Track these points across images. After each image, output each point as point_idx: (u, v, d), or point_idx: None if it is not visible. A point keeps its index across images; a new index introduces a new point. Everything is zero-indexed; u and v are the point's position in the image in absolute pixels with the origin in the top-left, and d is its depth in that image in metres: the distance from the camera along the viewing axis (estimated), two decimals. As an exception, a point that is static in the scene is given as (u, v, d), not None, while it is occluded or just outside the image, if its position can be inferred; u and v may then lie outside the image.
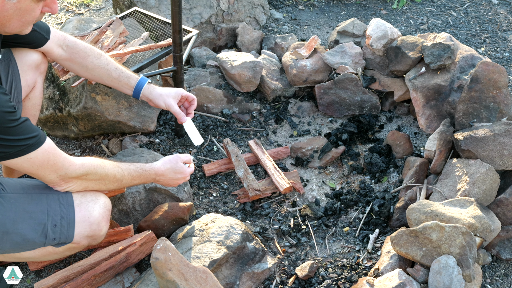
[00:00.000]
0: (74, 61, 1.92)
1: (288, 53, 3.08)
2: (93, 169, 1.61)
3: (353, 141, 2.84)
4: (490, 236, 1.87)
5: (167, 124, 2.71)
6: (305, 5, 4.17)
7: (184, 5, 3.35)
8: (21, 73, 1.86)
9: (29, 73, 1.89)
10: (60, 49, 1.89)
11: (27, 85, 1.90)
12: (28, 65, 1.88)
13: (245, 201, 2.39)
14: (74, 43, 1.90)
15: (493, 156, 2.07)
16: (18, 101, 1.86)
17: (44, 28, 1.82)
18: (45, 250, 1.66)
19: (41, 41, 1.82)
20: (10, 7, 1.37)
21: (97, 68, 1.93)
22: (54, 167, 1.49)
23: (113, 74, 1.95)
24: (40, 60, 1.91)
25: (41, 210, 1.60)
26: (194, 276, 1.55)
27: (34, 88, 1.97)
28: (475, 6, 4.19)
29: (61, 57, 1.91)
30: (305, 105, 3.04)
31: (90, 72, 1.95)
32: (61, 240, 1.63)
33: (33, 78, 1.92)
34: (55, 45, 1.87)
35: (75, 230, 1.63)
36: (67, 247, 1.68)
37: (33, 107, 2.02)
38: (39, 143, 1.43)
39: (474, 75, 2.33)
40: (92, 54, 1.92)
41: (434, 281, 1.64)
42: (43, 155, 1.45)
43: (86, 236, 1.66)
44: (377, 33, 2.88)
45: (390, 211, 2.27)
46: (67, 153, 1.60)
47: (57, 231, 1.61)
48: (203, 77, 3.01)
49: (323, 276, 1.96)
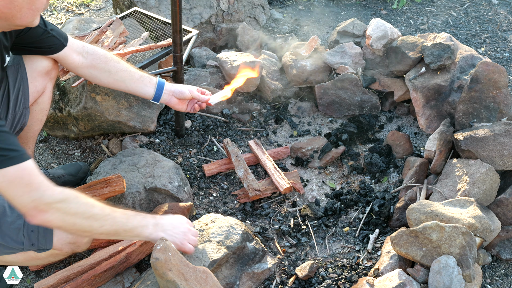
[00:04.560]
0: (97, 67, 1.88)
1: (288, 53, 3.08)
2: (75, 197, 1.41)
3: (353, 141, 2.84)
4: (490, 236, 1.87)
5: (167, 124, 2.71)
6: (305, 5, 4.17)
7: (184, 5, 3.35)
8: (31, 79, 1.86)
9: (39, 79, 1.89)
10: (80, 57, 1.87)
11: (36, 90, 1.90)
12: (38, 71, 1.87)
13: (245, 201, 2.39)
14: (93, 49, 1.89)
15: (493, 156, 2.07)
16: (25, 107, 1.85)
17: (62, 35, 1.81)
18: (27, 255, 1.64)
19: (58, 46, 1.80)
20: None
21: (120, 71, 1.90)
22: (27, 187, 1.30)
23: (135, 75, 1.93)
24: (51, 66, 1.91)
25: (18, 214, 1.57)
26: (194, 276, 1.55)
27: (43, 94, 1.96)
28: (475, 6, 4.19)
29: (82, 64, 1.87)
30: (305, 105, 3.04)
31: (112, 76, 1.91)
32: (41, 246, 1.59)
33: (43, 84, 1.92)
34: (74, 52, 1.85)
35: (54, 236, 1.58)
36: (50, 253, 1.64)
37: (40, 112, 2.02)
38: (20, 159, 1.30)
39: (474, 75, 2.33)
40: (112, 59, 1.91)
41: (434, 281, 1.64)
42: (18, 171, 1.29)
43: (68, 243, 1.61)
44: (377, 33, 2.88)
45: (390, 211, 2.27)
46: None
47: (34, 237, 1.57)
48: (203, 77, 3.01)
49: (323, 276, 1.96)
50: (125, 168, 2.22)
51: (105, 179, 2.04)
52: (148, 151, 2.37)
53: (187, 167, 2.52)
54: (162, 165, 2.26)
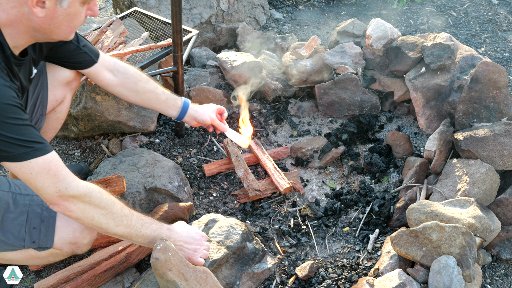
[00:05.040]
0: (126, 86, 1.92)
1: (288, 53, 3.08)
2: (98, 192, 1.47)
3: (353, 141, 2.84)
4: (490, 236, 1.87)
5: (167, 124, 2.71)
6: (305, 5, 4.17)
7: (184, 5, 3.35)
8: (51, 88, 1.87)
9: (59, 89, 1.90)
10: (110, 74, 1.89)
11: (55, 99, 1.91)
12: (59, 81, 1.89)
13: (245, 201, 2.39)
14: (124, 68, 1.91)
15: (493, 156, 2.07)
16: (42, 114, 1.87)
17: (93, 51, 1.82)
18: (27, 253, 1.64)
19: (88, 62, 1.82)
20: (60, 13, 1.37)
21: (147, 92, 1.95)
22: (54, 178, 1.37)
23: (161, 97, 1.98)
24: (73, 77, 1.92)
25: (21, 211, 1.58)
26: (194, 276, 1.55)
27: (62, 103, 1.98)
28: (475, 6, 4.19)
29: (112, 82, 1.90)
30: (305, 105, 3.04)
31: (140, 96, 1.96)
32: (41, 244, 1.59)
33: (63, 93, 1.93)
34: (105, 69, 1.88)
35: (55, 235, 1.59)
36: (50, 253, 1.64)
37: (56, 121, 2.03)
38: (45, 151, 1.35)
39: (474, 75, 2.33)
40: (141, 79, 1.94)
41: (434, 281, 1.64)
42: (44, 162, 1.35)
43: (69, 243, 1.61)
44: (377, 33, 2.88)
45: (390, 211, 2.27)
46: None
47: (36, 234, 1.57)
48: (203, 77, 3.01)
49: (323, 276, 1.96)
50: (125, 168, 2.22)
51: (105, 179, 2.04)
52: (148, 151, 2.37)
53: (187, 167, 2.52)
54: (162, 165, 2.26)
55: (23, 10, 1.33)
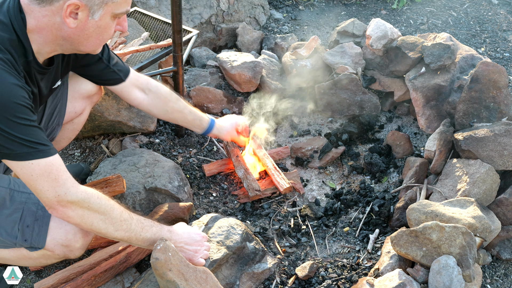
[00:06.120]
0: (156, 106, 1.98)
1: (288, 53, 3.08)
2: (97, 198, 1.46)
3: (353, 141, 2.84)
4: (490, 236, 1.87)
5: (167, 124, 2.71)
6: (305, 5, 4.17)
7: (184, 5, 3.35)
8: (71, 99, 1.88)
9: (79, 101, 1.92)
10: (141, 93, 1.93)
11: (74, 111, 1.92)
12: (80, 93, 1.90)
13: (245, 201, 2.39)
14: (156, 88, 1.96)
15: (493, 156, 2.07)
16: (58, 124, 1.87)
17: (123, 70, 1.83)
18: (19, 253, 1.63)
19: (116, 81, 1.84)
20: (91, 25, 1.39)
21: (175, 112, 2.04)
22: (54, 182, 1.36)
23: (188, 118, 2.09)
24: (94, 91, 1.94)
25: (16, 208, 1.57)
26: (194, 276, 1.55)
27: (81, 115, 2.00)
28: (475, 6, 4.19)
29: (143, 102, 1.95)
30: (305, 105, 3.04)
31: (168, 115, 2.05)
32: (33, 244, 1.58)
33: (82, 106, 1.95)
34: (137, 88, 1.91)
35: (48, 236, 1.57)
36: (41, 254, 1.63)
37: (72, 131, 2.05)
38: (48, 154, 1.35)
39: (474, 75, 2.33)
40: (171, 99, 2.01)
41: (434, 281, 1.64)
42: (46, 165, 1.34)
43: (61, 245, 1.59)
44: (377, 33, 2.88)
45: (390, 211, 2.27)
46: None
47: (28, 233, 1.56)
48: (203, 77, 3.01)
49: (323, 276, 1.96)
50: (125, 168, 2.22)
51: (105, 179, 2.04)
52: (148, 151, 2.37)
53: (187, 167, 2.52)
54: (162, 165, 2.26)
55: (54, 19, 1.34)
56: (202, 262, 1.72)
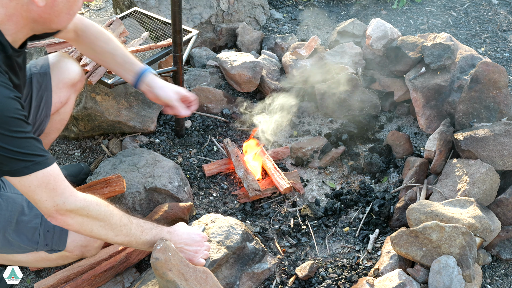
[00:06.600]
0: (83, 43, 1.87)
1: (288, 53, 3.08)
2: (96, 205, 1.46)
3: (353, 141, 2.84)
4: (490, 236, 1.87)
5: (167, 124, 2.71)
6: (305, 5, 4.17)
7: (184, 5, 3.35)
8: (56, 89, 1.87)
9: (64, 90, 1.91)
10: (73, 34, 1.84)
11: (59, 101, 1.92)
12: (64, 83, 1.89)
13: (245, 201, 2.39)
14: (86, 26, 1.85)
15: (493, 156, 2.07)
16: (46, 115, 1.87)
17: None
18: (38, 255, 1.65)
19: None
20: (60, 1, 1.35)
21: (105, 53, 1.90)
22: (52, 192, 1.35)
23: (118, 60, 1.91)
24: (78, 78, 1.93)
25: (36, 214, 1.59)
26: (194, 276, 1.55)
27: (66, 104, 1.99)
28: (475, 6, 4.19)
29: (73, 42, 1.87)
30: (305, 105, 3.04)
31: (98, 56, 1.91)
32: (54, 247, 1.61)
33: (67, 95, 1.94)
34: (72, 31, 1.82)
35: (68, 238, 1.60)
36: (60, 255, 1.66)
37: (60, 122, 2.04)
38: (45, 164, 1.33)
39: (474, 75, 2.33)
40: (101, 39, 1.88)
41: (434, 281, 1.64)
42: (44, 176, 1.33)
43: (80, 246, 1.63)
44: (377, 33, 2.88)
45: (390, 211, 2.27)
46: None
47: (49, 237, 1.59)
48: (203, 77, 3.01)
49: (323, 276, 1.96)
50: (125, 168, 2.22)
51: (105, 179, 2.04)
52: (148, 151, 2.37)
53: (187, 167, 2.52)
54: (162, 165, 2.26)
55: (22, 1, 1.30)
56: (202, 262, 1.72)
